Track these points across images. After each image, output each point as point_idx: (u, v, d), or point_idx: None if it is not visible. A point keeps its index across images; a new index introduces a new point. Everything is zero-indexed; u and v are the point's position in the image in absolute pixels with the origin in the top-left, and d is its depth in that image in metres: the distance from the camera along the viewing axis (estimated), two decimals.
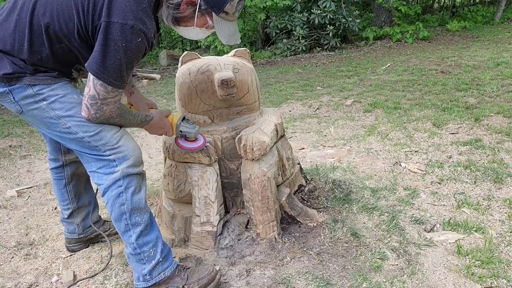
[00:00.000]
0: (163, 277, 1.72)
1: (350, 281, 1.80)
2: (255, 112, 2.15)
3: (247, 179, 1.99)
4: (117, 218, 1.65)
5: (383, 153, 3.34)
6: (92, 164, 1.64)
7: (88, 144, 1.59)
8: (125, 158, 1.62)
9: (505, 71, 5.63)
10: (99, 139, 1.58)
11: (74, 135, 1.57)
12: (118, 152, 1.61)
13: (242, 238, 2.03)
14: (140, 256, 1.69)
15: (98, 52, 1.41)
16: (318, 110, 4.86)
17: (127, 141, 1.64)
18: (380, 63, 7.50)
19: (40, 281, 1.99)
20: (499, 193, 2.54)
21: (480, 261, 1.90)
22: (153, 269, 1.70)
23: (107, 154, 1.60)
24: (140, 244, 1.67)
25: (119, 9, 1.39)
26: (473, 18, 11.74)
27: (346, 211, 2.36)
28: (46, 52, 1.50)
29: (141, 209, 1.67)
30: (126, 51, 1.42)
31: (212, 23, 1.59)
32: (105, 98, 1.48)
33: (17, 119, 5.36)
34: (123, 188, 1.62)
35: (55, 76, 1.56)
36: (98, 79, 1.44)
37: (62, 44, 1.50)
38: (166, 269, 1.73)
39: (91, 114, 1.52)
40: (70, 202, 2.08)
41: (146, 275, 1.70)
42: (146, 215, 1.69)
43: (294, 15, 9.45)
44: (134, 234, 1.66)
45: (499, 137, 3.41)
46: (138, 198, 1.66)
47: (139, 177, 1.67)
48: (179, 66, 2.11)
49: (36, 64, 1.51)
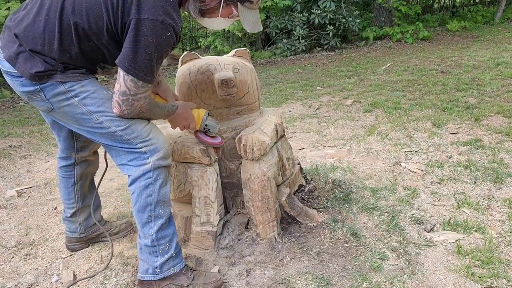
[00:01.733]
0: (171, 272, 1.74)
1: (350, 281, 1.81)
2: (255, 112, 2.15)
3: (247, 179, 1.99)
4: (141, 209, 1.67)
5: (383, 153, 3.34)
6: (122, 157, 1.67)
7: (120, 138, 1.61)
8: (156, 150, 1.65)
9: (505, 71, 5.63)
10: (131, 133, 1.61)
11: (106, 129, 1.60)
12: (150, 145, 1.64)
13: (242, 238, 2.04)
14: (155, 249, 1.70)
15: (129, 49, 1.45)
16: (318, 110, 4.86)
17: (157, 134, 1.68)
18: (380, 63, 7.50)
19: (40, 281, 1.99)
20: (499, 193, 2.54)
21: (480, 261, 1.90)
22: (165, 263, 1.72)
23: (138, 146, 1.63)
24: (159, 237, 1.70)
25: (149, 5, 1.42)
26: (473, 18, 11.74)
27: (346, 211, 2.37)
28: (75, 51, 1.52)
29: (165, 202, 1.70)
30: (156, 46, 1.45)
31: (237, 13, 1.64)
32: (135, 93, 1.52)
33: (17, 119, 5.36)
34: (152, 180, 1.65)
35: (83, 73, 1.59)
36: (129, 75, 1.47)
37: (91, 42, 1.53)
38: (176, 265, 1.75)
39: (122, 110, 1.55)
40: (75, 201, 2.08)
41: (157, 267, 1.72)
42: (168, 209, 1.73)
43: (294, 15, 9.45)
44: (155, 227, 1.68)
45: (499, 137, 3.41)
46: (164, 191, 1.69)
47: (167, 170, 1.71)
48: (179, 66, 2.11)
49: (65, 62, 1.54)
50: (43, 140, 4.37)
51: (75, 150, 2.00)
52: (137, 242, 1.75)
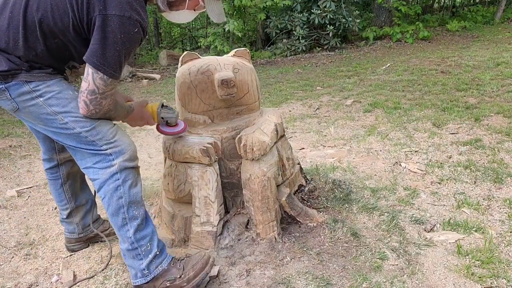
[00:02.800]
0: (160, 270, 1.73)
1: (350, 281, 1.80)
2: (255, 112, 2.15)
3: (247, 179, 1.99)
4: (114, 212, 1.65)
5: (383, 153, 3.34)
6: (87, 160, 1.65)
7: (85, 139, 1.60)
8: (121, 152, 1.64)
9: (505, 71, 5.63)
10: (96, 134, 1.60)
11: (71, 130, 1.58)
12: (115, 146, 1.63)
13: (242, 238, 2.04)
14: (137, 251, 1.69)
15: (98, 45, 1.44)
16: (318, 110, 4.86)
17: (122, 136, 1.67)
18: (380, 63, 7.50)
19: (40, 281, 1.99)
20: (499, 193, 2.54)
21: (480, 261, 1.90)
22: (151, 263, 1.71)
23: (104, 148, 1.62)
24: (138, 239, 1.68)
25: (115, 1, 1.42)
26: (473, 18, 11.74)
27: (346, 211, 2.37)
28: (40, 48, 1.51)
29: (138, 202, 1.68)
30: (124, 43, 1.45)
31: (203, 4, 1.69)
32: (104, 92, 1.51)
33: (17, 119, 5.36)
34: (120, 181, 1.63)
35: (50, 73, 1.57)
36: (99, 72, 1.46)
37: (57, 40, 1.51)
38: (162, 261, 1.74)
39: (90, 110, 1.54)
40: (67, 202, 2.08)
41: (144, 269, 1.70)
42: (142, 209, 1.71)
43: (294, 15, 9.45)
44: (132, 228, 1.67)
45: (499, 137, 3.41)
46: (135, 192, 1.67)
47: (135, 171, 1.69)
48: (179, 66, 2.11)
49: (31, 61, 1.52)
50: None
51: (56, 151, 1.99)
52: (119, 248, 1.74)
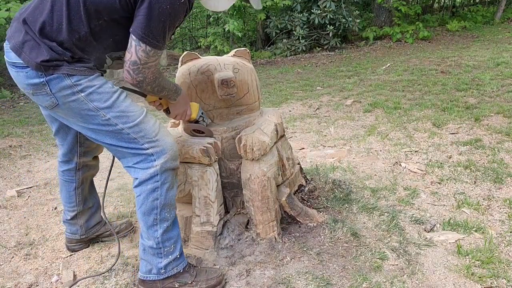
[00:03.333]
0: (175, 271, 1.74)
1: (350, 281, 1.80)
2: (255, 112, 2.15)
3: (247, 179, 1.99)
4: (147, 212, 1.65)
5: (383, 153, 3.34)
6: (128, 159, 1.63)
7: (127, 136, 1.57)
8: (163, 152, 1.61)
9: (505, 71, 5.63)
10: (139, 131, 1.57)
11: (113, 127, 1.55)
12: (157, 146, 1.60)
13: (242, 238, 2.03)
14: (160, 251, 1.70)
15: (143, 16, 1.42)
16: (318, 110, 4.86)
17: (165, 135, 1.65)
18: (380, 63, 7.50)
19: (40, 281, 1.99)
20: (499, 193, 2.54)
21: (480, 261, 1.90)
22: (169, 263, 1.72)
23: (145, 147, 1.59)
24: (164, 240, 1.69)
25: None
26: (473, 18, 11.73)
27: (346, 211, 2.36)
28: (84, 30, 1.47)
29: (171, 205, 1.69)
30: (170, 14, 1.43)
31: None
32: (146, 62, 1.48)
33: (17, 119, 5.36)
34: (159, 183, 1.62)
35: (91, 68, 1.54)
36: (142, 44, 1.44)
37: (101, 21, 1.48)
38: (179, 264, 1.76)
39: (134, 79, 1.51)
40: (76, 204, 2.06)
41: (161, 268, 1.71)
42: (174, 212, 1.72)
43: (294, 15, 9.45)
44: (161, 229, 1.67)
45: (499, 137, 3.41)
46: (171, 195, 1.67)
47: (174, 173, 1.68)
48: (179, 66, 2.11)
49: (75, 45, 1.48)
50: (43, 140, 4.37)
51: (77, 154, 1.97)
52: (139, 242, 1.74)
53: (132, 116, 1.57)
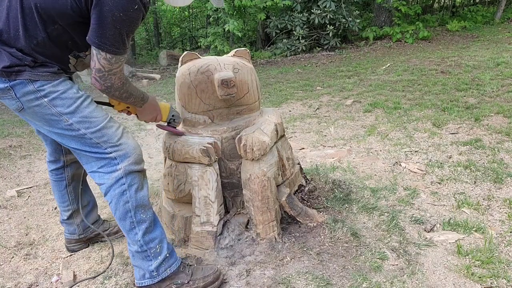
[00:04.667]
0: (169, 273, 1.74)
1: (350, 281, 1.80)
2: (255, 112, 2.15)
3: (247, 179, 1.99)
4: (122, 217, 1.66)
5: (383, 153, 3.34)
6: (92, 164, 1.64)
7: (89, 141, 1.59)
8: (126, 156, 1.63)
9: (505, 71, 5.63)
10: (101, 136, 1.59)
11: (76, 132, 1.57)
12: (119, 150, 1.62)
13: (242, 238, 2.03)
14: (147, 253, 1.70)
15: (97, 25, 1.42)
16: (318, 110, 4.86)
17: (128, 139, 1.66)
18: (380, 63, 7.50)
19: (40, 281, 1.99)
20: (499, 193, 2.54)
21: (480, 261, 1.90)
22: (160, 265, 1.72)
23: (108, 151, 1.61)
24: (147, 241, 1.69)
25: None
26: (473, 18, 11.73)
27: (346, 211, 2.36)
28: (41, 35, 1.48)
29: (145, 206, 1.69)
30: (124, 20, 1.43)
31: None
32: (110, 69, 1.50)
33: (17, 119, 5.36)
34: (126, 186, 1.63)
35: (55, 72, 1.55)
36: (102, 51, 1.45)
37: (56, 25, 1.49)
38: (171, 265, 1.75)
39: (102, 85, 1.53)
40: (70, 203, 2.07)
41: (153, 271, 1.71)
42: (150, 212, 1.71)
43: (294, 15, 9.45)
44: (140, 232, 1.67)
45: (499, 137, 3.41)
46: (142, 195, 1.67)
47: (141, 175, 1.69)
48: (179, 66, 2.11)
49: (34, 51, 1.49)
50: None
51: (62, 152, 1.98)
52: (128, 249, 1.74)
53: (94, 121, 1.59)
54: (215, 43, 9.35)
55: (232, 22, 8.65)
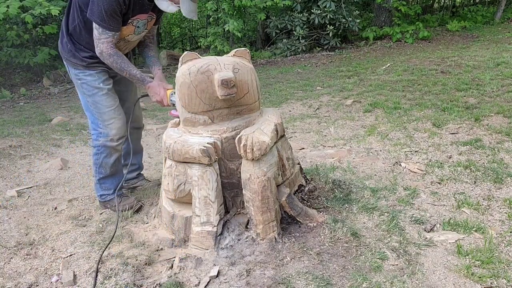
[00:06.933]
0: (107, 199, 2.64)
1: (350, 281, 1.80)
2: (255, 112, 2.15)
3: (247, 179, 1.99)
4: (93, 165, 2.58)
5: (383, 153, 3.34)
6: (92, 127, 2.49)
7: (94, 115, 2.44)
8: (107, 135, 2.43)
9: (505, 71, 5.63)
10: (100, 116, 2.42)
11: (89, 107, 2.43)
12: (105, 129, 2.41)
13: (242, 238, 2.03)
14: (97, 187, 2.62)
15: (91, 2, 2.08)
16: (318, 110, 4.86)
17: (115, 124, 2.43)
18: (380, 63, 7.50)
19: (40, 281, 1.99)
20: (499, 193, 2.54)
21: (480, 261, 1.90)
22: (102, 195, 2.63)
23: (100, 126, 2.42)
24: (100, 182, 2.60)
25: None
26: (473, 18, 11.73)
27: (346, 211, 2.37)
28: (77, 20, 2.23)
29: (107, 166, 2.52)
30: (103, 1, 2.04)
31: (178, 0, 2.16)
32: (99, 38, 2.17)
33: (17, 119, 5.36)
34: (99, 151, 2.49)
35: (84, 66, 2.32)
36: (93, 22, 2.11)
37: (84, 13, 2.16)
38: (107, 196, 2.62)
39: (96, 49, 2.20)
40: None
41: (100, 196, 2.64)
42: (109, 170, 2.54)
43: (294, 15, 9.44)
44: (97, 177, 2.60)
45: (499, 137, 3.41)
46: (106, 161, 2.50)
47: (112, 149, 2.47)
48: (179, 66, 2.11)
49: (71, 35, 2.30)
50: (43, 140, 4.38)
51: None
52: None
53: (100, 107, 2.38)
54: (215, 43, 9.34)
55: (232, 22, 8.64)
